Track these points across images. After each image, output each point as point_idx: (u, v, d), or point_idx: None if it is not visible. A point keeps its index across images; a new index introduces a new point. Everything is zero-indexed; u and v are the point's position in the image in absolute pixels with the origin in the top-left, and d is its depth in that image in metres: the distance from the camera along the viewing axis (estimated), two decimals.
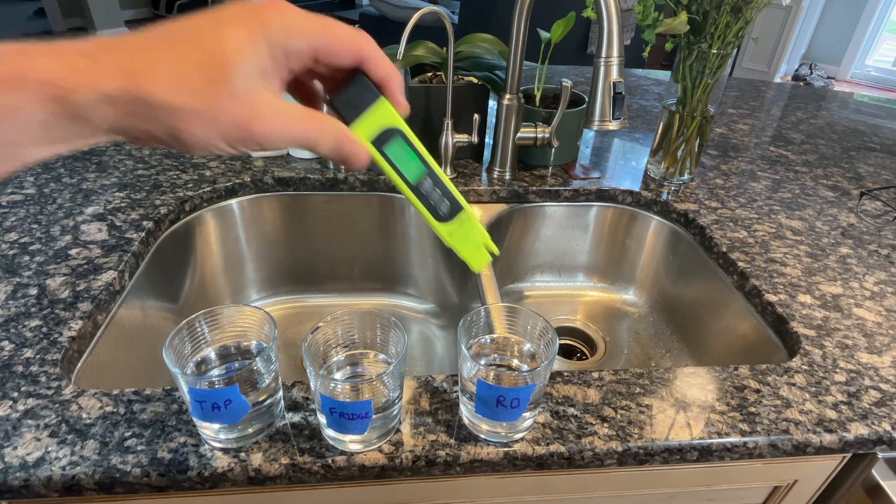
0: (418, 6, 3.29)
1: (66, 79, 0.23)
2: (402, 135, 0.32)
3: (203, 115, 0.25)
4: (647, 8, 0.80)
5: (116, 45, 0.24)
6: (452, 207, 0.36)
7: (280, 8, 0.26)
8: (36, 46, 0.23)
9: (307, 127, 0.28)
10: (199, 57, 0.25)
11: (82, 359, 0.59)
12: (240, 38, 0.25)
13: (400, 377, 0.46)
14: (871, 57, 4.44)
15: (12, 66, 0.22)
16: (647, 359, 0.88)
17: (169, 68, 0.24)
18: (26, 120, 0.23)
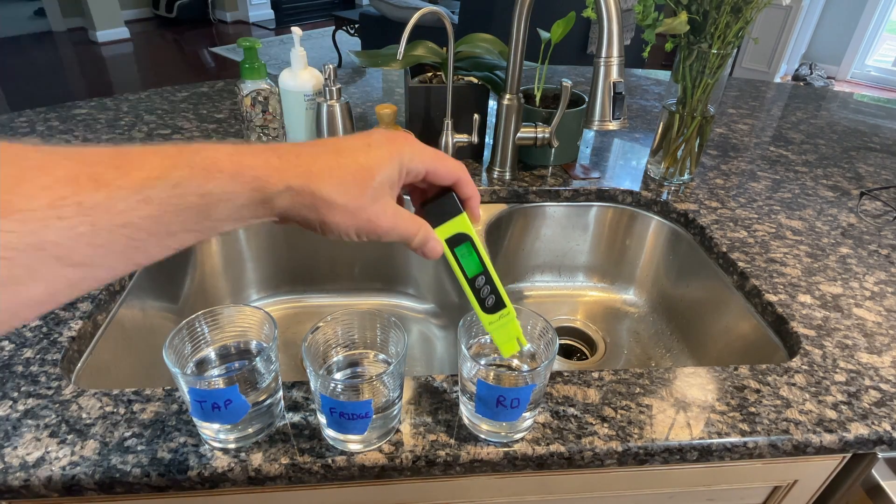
0: (418, 6, 3.29)
1: (266, 174, 0.31)
2: (471, 240, 0.41)
3: (349, 210, 0.34)
4: (647, 8, 0.80)
5: (299, 152, 0.33)
6: (497, 304, 0.43)
7: (410, 140, 0.37)
8: (244, 148, 0.31)
9: (410, 227, 0.37)
10: (354, 168, 0.34)
11: (82, 359, 0.59)
12: (382, 158, 0.35)
13: (400, 377, 0.46)
14: (871, 57, 4.44)
15: (233, 163, 0.29)
16: (647, 359, 0.88)
17: (334, 174, 0.33)
18: (235, 203, 0.30)
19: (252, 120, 0.90)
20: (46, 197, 0.24)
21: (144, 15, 5.41)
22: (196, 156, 0.29)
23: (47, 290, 0.25)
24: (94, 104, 1.11)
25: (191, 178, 0.28)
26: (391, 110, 0.86)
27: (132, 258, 0.27)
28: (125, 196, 0.26)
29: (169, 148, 0.29)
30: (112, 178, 0.26)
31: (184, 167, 0.28)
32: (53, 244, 0.24)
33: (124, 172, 0.26)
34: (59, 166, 0.25)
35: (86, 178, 0.25)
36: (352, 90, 1.26)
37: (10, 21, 4.99)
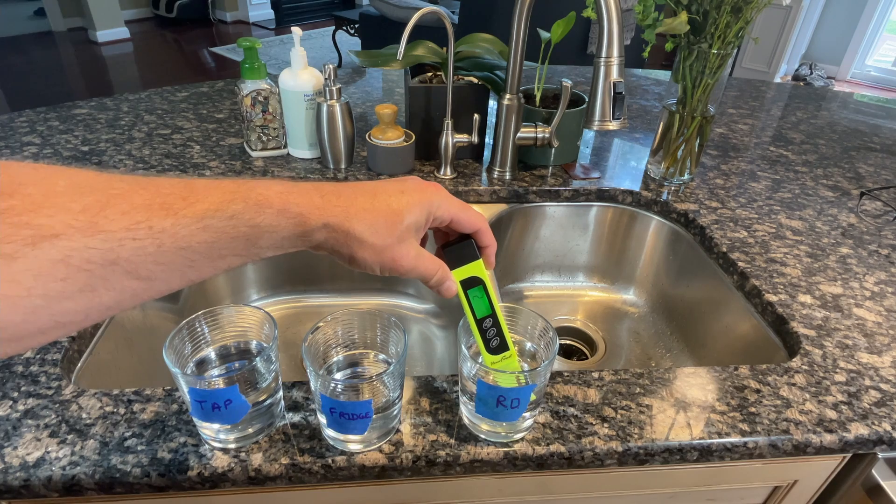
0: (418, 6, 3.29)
1: (308, 210, 0.35)
2: (484, 285, 0.45)
3: (377, 249, 0.38)
4: (647, 8, 0.80)
5: (340, 192, 0.37)
6: (501, 347, 0.46)
7: (438, 189, 0.41)
8: (292, 186, 0.35)
9: (429, 267, 0.41)
10: (386, 211, 0.38)
11: (82, 359, 0.59)
12: (412, 204, 0.39)
13: (400, 377, 0.46)
14: (871, 57, 4.44)
15: (281, 201, 0.34)
16: (647, 359, 0.88)
17: (367, 215, 0.37)
18: (279, 234, 0.34)
19: (252, 120, 0.90)
20: (125, 220, 0.28)
21: (144, 15, 5.41)
22: (251, 192, 0.33)
23: (115, 299, 0.29)
24: (94, 104, 1.11)
25: (244, 212, 0.32)
26: (391, 110, 0.86)
27: (186, 275, 0.31)
28: (188, 223, 0.30)
29: (229, 184, 0.33)
30: (179, 207, 0.30)
31: (239, 202, 0.32)
32: (126, 260, 0.28)
33: (189, 203, 0.30)
34: (136, 195, 0.29)
35: (158, 206, 0.29)
36: (352, 90, 1.26)
37: (10, 21, 4.99)
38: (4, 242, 0.24)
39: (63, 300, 0.27)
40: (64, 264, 0.26)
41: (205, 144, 0.97)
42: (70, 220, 0.26)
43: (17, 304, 0.25)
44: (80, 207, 0.27)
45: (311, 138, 0.92)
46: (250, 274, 0.95)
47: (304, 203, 0.35)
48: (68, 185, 0.27)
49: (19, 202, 0.25)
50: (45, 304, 0.26)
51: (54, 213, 0.26)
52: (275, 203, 0.33)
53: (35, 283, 0.26)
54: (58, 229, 0.26)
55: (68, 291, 0.27)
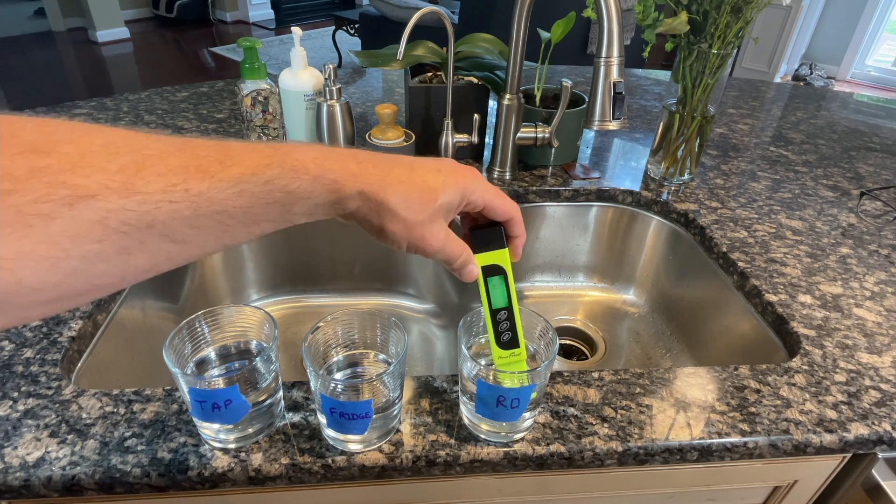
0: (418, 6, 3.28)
1: (343, 177, 0.34)
2: (505, 275, 0.44)
3: (408, 224, 0.37)
4: (647, 8, 0.80)
5: (377, 161, 0.36)
6: (512, 342, 0.45)
7: (475, 174, 0.40)
8: (328, 152, 0.34)
9: (454, 249, 0.40)
10: (422, 187, 0.37)
11: (82, 359, 0.59)
12: (448, 184, 0.38)
13: (400, 377, 0.46)
14: (871, 57, 4.44)
15: (317, 166, 0.33)
16: (647, 359, 0.88)
17: (402, 188, 0.36)
18: (313, 201, 0.34)
19: (252, 120, 0.90)
20: (161, 182, 0.27)
21: (144, 15, 5.41)
22: (287, 157, 0.32)
23: (151, 261, 0.29)
24: (94, 104, 1.11)
25: (280, 177, 0.32)
26: (391, 110, 0.86)
27: (221, 240, 0.31)
28: (224, 187, 0.29)
29: (265, 147, 0.32)
30: (216, 170, 0.29)
31: (276, 167, 0.32)
32: (161, 223, 0.28)
33: (226, 167, 0.30)
34: (172, 156, 0.28)
35: (194, 169, 0.29)
36: (352, 90, 1.26)
37: (10, 21, 4.99)
38: (41, 202, 0.24)
39: (99, 262, 0.27)
40: (101, 226, 0.26)
41: None
42: (106, 180, 0.26)
43: (55, 266, 0.25)
44: (117, 168, 0.26)
45: (311, 138, 0.92)
46: (250, 274, 0.95)
47: (339, 169, 0.34)
48: (104, 143, 0.27)
49: (56, 161, 0.25)
50: (83, 267, 0.26)
51: (90, 172, 0.25)
52: (311, 169, 0.33)
53: (72, 244, 0.25)
54: (94, 190, 0.25)
55: (105, 253, 0.26)
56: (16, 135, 0.25)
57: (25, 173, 0.24)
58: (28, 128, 0.25)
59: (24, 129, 0.25)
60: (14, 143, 0.24)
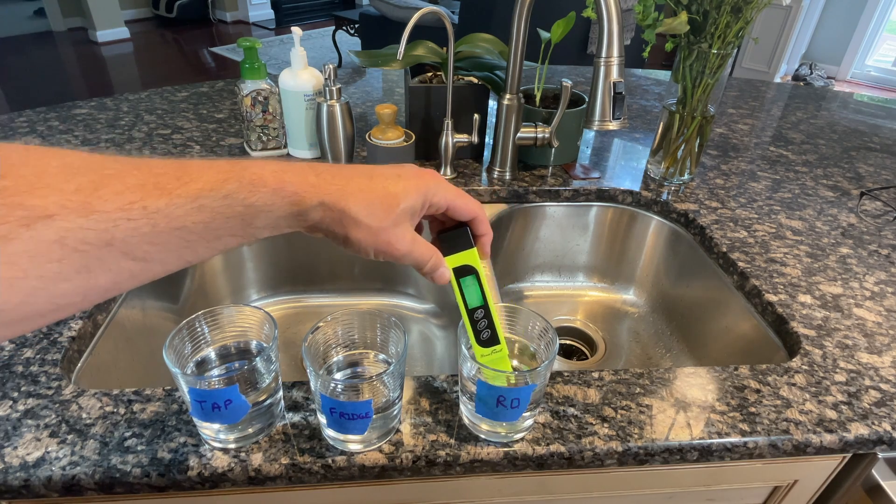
0: (418, 6, 3.28)
1: (303, 189, 0.34)
2: (476, 274, 0.44)
3: (372, 230, 0.37)
4: (647, 8, 0.80)
5: (336, 172, 0.37)
6: (492, 339, 0.46)
7: (435, 175, 0.41)
8: (287, 166, 0.35)
9: (423, 253, 0.40)
10: (382, 193, 0.37)
11: (82, 359, 0.59)
12: (409, 188, 0.38)
13: (400, 377, 0.46)
14: (871, 57, 4.44)
15: (276, 180, 0.33)
16: (647, 359, 0.88)
17: (363, 196, 0.36)
18: (274, 214, 0.34)
19: (252, 120, 0.90)
20: (119, 201, 0.28)
21: (144, 15, 5.41)
22: (245, 171, 0.33)
23: (112, 280, 0.29)
24: (94, 104, 1.11)
25: (239, 191, 0.32)
26: (391, 110, 0.86)
27: (183, 256, 0.31)
28: (182, 203, 0.30)
29: (223, 164, 0.33)
30: (173, 187, 0.30)
31: (234, 181, 0.32)
32: (121, 241, 0.28)
33: (183, 183, 0.30)
34: (130, 175, 0.29)
35: (151, 186, 0.29)
36: (352, 90, 1.26)
37: (10, 21, 4.99)
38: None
39: (60, 282, 0.27)
40: (59, 245, 0.26)
41: (205, 144, 0.97)
42: (64, 200, 0.26)
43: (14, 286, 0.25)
44: (74, 188, 0.27)
45: (311, 138, 0.92)
46: (250, 274, 0.95)
47: (299, 182, 0.34)
48: (60, 165, 0.27)
49: (12, 183, 0.25)
50: (43, 286, 0.26)
51: (47, 193, 0.26)
52: (269, 182, 0.33)
53: (31, 264, 0.25)
54: (52, 210, 0.26)
55: (65, 273, 0.27)
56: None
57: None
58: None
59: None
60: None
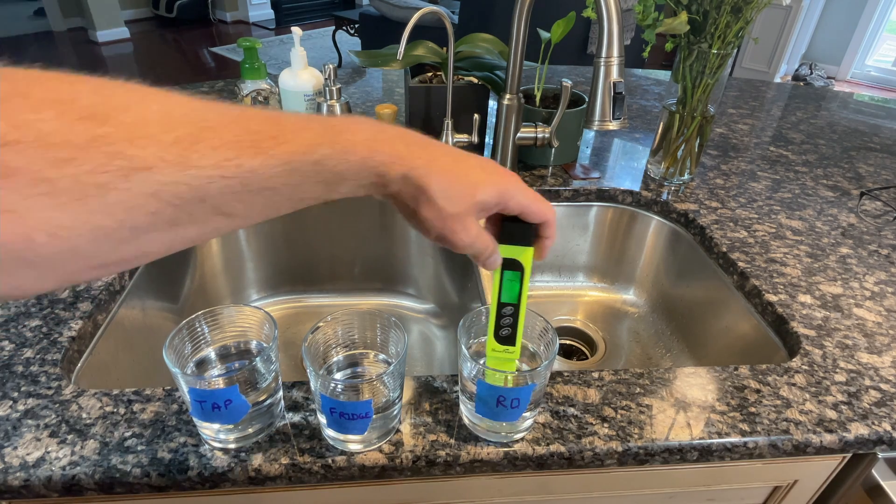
0: (418, 6, 3.28)
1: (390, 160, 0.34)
2: (522, 274, 0.44)
3: (443, 214, 0.37)
4: (647, 8, 0.80)
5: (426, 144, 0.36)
6: (509, 339, 0.45)
7: (516, 180, 0.40)
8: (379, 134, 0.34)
9: (483, 246, 0.40)
10: (463, 180, 0.37)
11: (82, 359, 0.59)
12: (488, 184, 0.38)
13: (400, 377, 0.46)
14: (871, 57, 4.44)
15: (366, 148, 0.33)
16: (647, 359, 0.88)
17: (445, 177, 0.36)
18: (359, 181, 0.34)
19: None
20: (215, 157, 0.27)
21: (144, 15, 5.41)
22: (338, 137, 0.32)
23: (199, 232, 0.29)
24: None
25: (330, 157, 0.32)
26: (391, 110, 0.86)
27: (266, 213, 0.32)
28: (275, 164, 0.30)
29: (317, 124, 0.32)
30: (268, 146, 0.29)
31: (327, 146, 0.32)
32: (212, 197, 0.28)
33: (279, 143, 0.30)
34: (227, 129, 0.28)
35: (247, 144, 0.29)
36: (352, 90, 1.26)
37: (10, 21, 4.99)
38: (98, 172, 0.24)
39: (150, 233, 0.27)
40: (154, 198, 0.26)
41: None
42: (162, 152, 0.26)
43: (108, 236, 0.26)
44: (172, 139, 0.26)
45: None
46: (250, 274, 0.95)
47: (388, 152, 0.34)
48: (161, 112, 0.27)
49: (113, 130, 0.25)
50: (134, 237, 0.27)
51: (147, 144, 0.25)
52: (360, 151, 0.33)
53: (126, 216, 0.26)
54: (150, 162, 0.25)
55: (156, 225, 0.27)
56: (75, 99, 0.24)
57: (84, 141, 0.24)
58: (86, 91, 0.25)
59: (82, 93, 0.25)
60: (73, 108, 0.24)
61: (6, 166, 0.23)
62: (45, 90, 0.24)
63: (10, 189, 0.23)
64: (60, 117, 0.24)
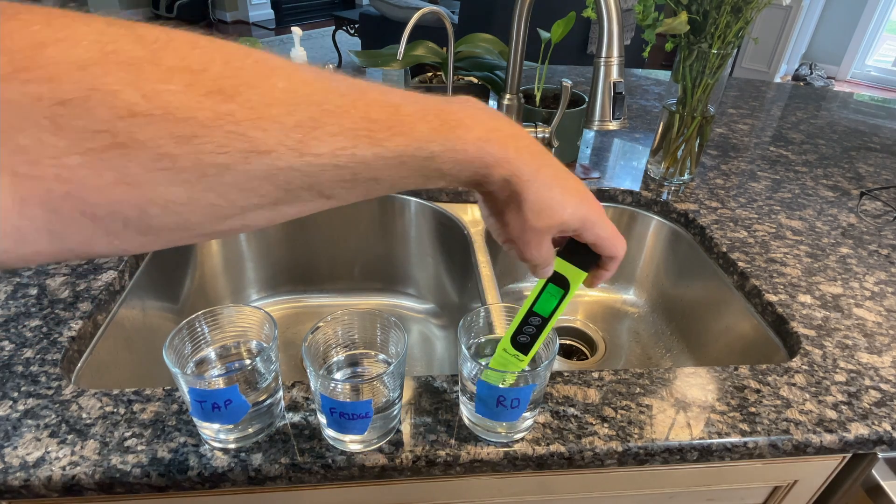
0: (418, 6, 3.28)
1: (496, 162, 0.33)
2: (565, 294, 0.43)
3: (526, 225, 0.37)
4: (647, 8, 0.80)
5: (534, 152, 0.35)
6: (524, 347, 0.45)
7: (600, 211, 0.40)
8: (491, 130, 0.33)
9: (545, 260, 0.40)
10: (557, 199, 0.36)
11: (82, 359, 0.59)
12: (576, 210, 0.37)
13: (400, 377, 0.46)
14: (871, 57, 4.44)
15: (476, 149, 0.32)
16: (647, 359, 0.88)
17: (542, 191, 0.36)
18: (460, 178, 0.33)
19: None
20: (332, 145, 0.27)
21: (144, 15, 5.41)
22: (451, 133, 0.31)
23: (298, 211, 0.30)
24: None
25: (440, 155, 0.31)
26: None
27: (362, 197, 0.31)
28: (387, 156, 0.29)
29: (433, 115, 0.31)
30: (383, 137, 0.29)
31: (439, 142, 0.31)
32: (321, 184, 0.28)
33: (394, 134, 0.29)
34: (347, 115, 0.28)
35: (364, 134, 0.28)
36: None
37: None
38: (219, 152, 0.24)
39: (255, 211, 0.27)
40: (268, 182, 0.26)
41: None
42: (283, 136, 0.26)
43: (217, 213, 0.26)
44: (294, 123, 0.26)
45: None
46: (250, 274, 0.95)
47: (497, 155, 0.33)
48: (286, 89, 0.26)
49: (238, 107, 0.24)
50: (240, 213, 0.27)
51: (269, 126, 0.25)
52: (470, 150, 0.32)
53: (238, 196, 0.26)
54: (270, 145, 0.25)
55: (262, 204, 0.27)
56: (205, 69, 0.24)
57: (209, 118, 0.24)
58: (217, 61, 0.25)
59: (214, 63, 0.24)
60: (203, 79, 0.24)
61: (133, 138, 0.22)
62: (177, 57, 0.23)
63: (133, 161, 0.23)
64: (189, 90, 0.23)
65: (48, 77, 0.21)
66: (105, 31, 0.22)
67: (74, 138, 0.22)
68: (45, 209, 0.23)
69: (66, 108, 0.21)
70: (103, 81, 0.21)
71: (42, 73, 0.21)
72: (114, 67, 0.22)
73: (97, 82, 0.21)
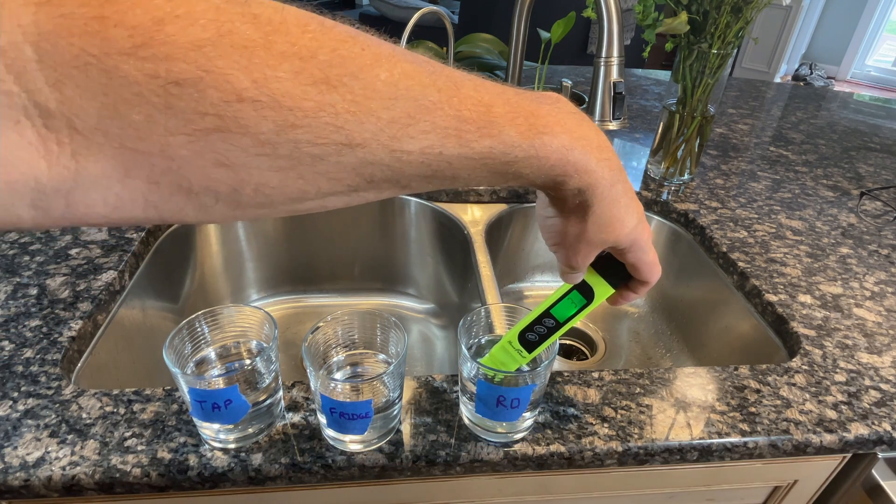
0: (418, 6, 3.29)
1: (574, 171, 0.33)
2: (586, 305, 0.43)
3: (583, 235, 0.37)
4: (647, 8, 0.80)
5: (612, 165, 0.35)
6: (530, 346, 0.45)
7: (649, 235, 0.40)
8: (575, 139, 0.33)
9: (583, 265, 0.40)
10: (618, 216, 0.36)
11: (82, 359, 0.59)
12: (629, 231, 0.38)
13: (400, 377, 0.46)
14: (871, 57, 4.44)
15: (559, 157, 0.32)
16: (647, 359, 0.88)
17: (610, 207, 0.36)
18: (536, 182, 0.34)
19: None
20: (422, 142, 0.27)
21: None
22: (537, 138, 0.31)
23: (375, 196, 0.30)
24: None
25: (522, 161, 0.31)
26: None
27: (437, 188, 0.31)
28: (471, 157, 0.29)
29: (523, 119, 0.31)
30: (471, 139, 0.29)
31: (523, 148, 0.31)
32: (403, 176, 0.28)
33: (482, 136, 0.29)
34: (441, 112, 0.27)
35: (454, 133, 0.28)
36: None
37: None
38: (315, 143, 0.24)
39: (337, 195, 0.28)
40: (354, 173, 0.26)
41: None
42: (377, 130, 0.26)
43: (302, 196, 0.26)
44: (389, 118, 0.26)
45: None
46: (250, 274, 0.95)
47: (578, 165, 0.33)
48: (388, 81, 0.26)
49: (340, 98, 0.24)
50: (322, 197, 0.27)
51: (366, 119, 0.25)
52: (552, 158, 0.32)
53: (325, 184, 0.26)
54: (363, 138, 0.25)
55: (345, 191, 0.28)
56: (313, 55, 0.24)
57: (311, 108, 0.24)
58: (326, 47, 0.24)
59: (323, 49, 0.24)
60: (310, 66, 0.24)
61: (238, 123, 0.23)
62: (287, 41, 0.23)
63: (235, 146, 0.23)
64: (295, 77, 0.23)
65: (165, 56, 0.21)
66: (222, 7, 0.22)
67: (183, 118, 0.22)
68: (146, 181, 0.23)
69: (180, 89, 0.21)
70: (216, 64, 0.21)
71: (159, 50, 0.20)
72: (228, 50, 0.22)
73: (211, 64, 0.21)
